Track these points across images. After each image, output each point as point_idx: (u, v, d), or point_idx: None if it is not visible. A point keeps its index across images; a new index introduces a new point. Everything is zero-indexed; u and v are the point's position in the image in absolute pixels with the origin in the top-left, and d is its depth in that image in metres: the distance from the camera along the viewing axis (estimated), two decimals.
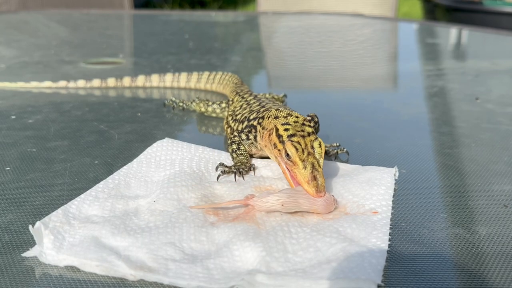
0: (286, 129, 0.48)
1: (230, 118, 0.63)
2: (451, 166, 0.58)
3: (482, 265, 0.39)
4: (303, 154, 0.45)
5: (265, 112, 0.55)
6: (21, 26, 1.70)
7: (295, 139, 0.46)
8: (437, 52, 1.35)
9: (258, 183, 0.50)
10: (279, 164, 0.48)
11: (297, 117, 0.50)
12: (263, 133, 0.53)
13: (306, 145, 0.46)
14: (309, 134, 0.47)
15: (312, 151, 0.46)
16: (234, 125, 0.60)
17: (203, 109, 0.74)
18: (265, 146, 0.52)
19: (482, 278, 0.37)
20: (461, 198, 0.50)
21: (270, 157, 0.53)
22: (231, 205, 0.46)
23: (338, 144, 0.61)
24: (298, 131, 0.47)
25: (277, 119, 0.51)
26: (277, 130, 0.49)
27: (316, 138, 0.47)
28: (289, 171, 0.47)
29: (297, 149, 0.45)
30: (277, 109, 0.53)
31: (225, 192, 0.49)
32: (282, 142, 0.47)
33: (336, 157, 0.59)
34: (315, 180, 0.44)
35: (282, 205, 0.43)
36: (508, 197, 0.50)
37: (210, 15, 2.06)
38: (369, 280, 0.34)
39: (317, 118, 0.58)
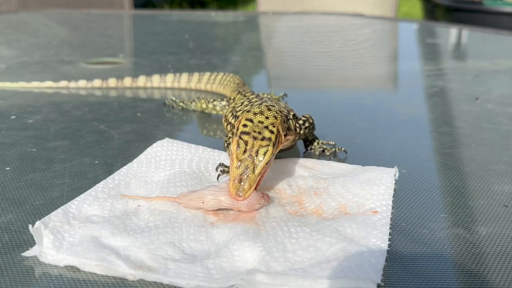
0: (245, 125, 0.47)
1: (230, 114, 0.63)
2: (451, 166, 0.58)
3: (482, 265, 0.39)
4: (243, 154, 0.45)
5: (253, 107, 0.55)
6: (21, 26, 1.70)
7: (245, 137, 0.45)
8: (437, 52, 1.35)
9: None
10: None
11: (267, 117, 0.48)
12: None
13: (252, 147, 0.45)
14: (263, 139, 0.46)
15: (254, 155, 0.45)
16: (235, 122, 0.60)
17: (204, 106, 0.74)
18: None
19: (482, 278, 0.37)
20: (461, 198, 0.50)
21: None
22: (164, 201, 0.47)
23: (334, 143, 0.61)
24: (255, 132, 0.46)
25: (248, 113, 0.49)
26: (239, 123, 0.48)
27: (267, 145, 0.45)
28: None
29: (239, 147, 0.45)
30: (259, 104, 0.53)
31: None
32: (237, 130, 0.47)
33: (335, 156, 0.59)
34: (240, 182, 0.43)
35: (203, 202, 0.44)
36: (508, 197, 0.50)
37: (210, 15, 2.06)
38: (369, 280, 0.34)
39: (312, 120, 0.58)
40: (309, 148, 0.60)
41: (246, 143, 0.45)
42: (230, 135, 0.57)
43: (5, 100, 0.84)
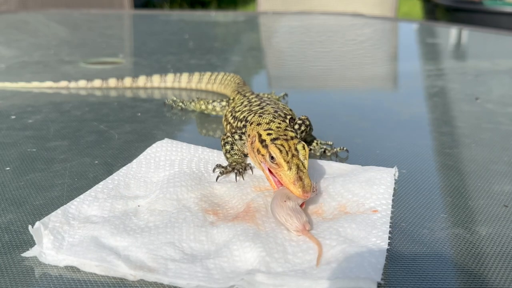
0: (269, 134, 0.49)
1: (229, 115, 0.63)
2: (451, 166, 0.58)
3: (482, 265, 0.39)
4: (287, 155, 0.45)
5: (253, 117, 0.56)
6: (21, 26, 1.70)
7: (278, 142, 0.47)
8: (437, 52, 1.35)
9: (257, 183, 0.50)
10: (263, 170, 0.48)
11: (279, 123, 0.51)
12: (246, 140, 0.54)
13: (290, 147, 0.46)
14: (292, 138, 0.47)
15: (296, 153, 0.46)
16: (234, 122, 0.60)
17: (203, 107, 0.74)
18: (249, 153, 0.53)
19: (482, 278, 0.37)
20: (461, 198, 0.50)
21: (254, 164, 0.53)
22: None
23: (332, 143, 0.61)
24: (281, 135, 0.48)
25: (260, 126, 0.51)
26: (260, 135, 0.49)
27: (299, 142, 0.47)
28: (273, 175, 0.47)
29: (281, 151, 0.45)
30: (260, 116, 0.53)
31: (224, 192, 0.49)
32: (266, 146, 0.47)
33: (336, 156, 0.59)
34: (301, 180, 0.44)
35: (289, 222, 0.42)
36: (508, 197, 0.50)
37: (210, 15, 2.06)
38: (369, 279, 0.34)
39: (309, 121, 0.59)
40: (310, 149, 0.60)
41: (282, 146, 0.46)
42: (228, 134, 0.57)
43: (5, 100, 0.84)
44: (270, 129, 0.50)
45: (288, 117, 0.57)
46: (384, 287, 0.36)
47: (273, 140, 0.47)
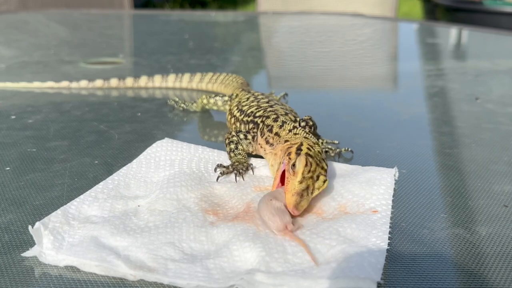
0: (309, 149, 0.47)
1: (235, 108, 0.63)
2: (451, 166, 0.58)
3: (482, 265, 0.39)
4: (308, 173, 0.45)
5: (271, 113, 0.56)
6: (21, 26, 1.70)
7: (311, 159, 0.46)
8: (437, 52, 1.35)
9: (257, 183, 0.50)
10: (272, 165, 0.48)
11: (319, 152, 0.49)
12: (268, 136, 0.53)
13: (315, 171, 0.45)
14: (322, 168, 0.46)
15: (315, 179, 0.45)
16: (240, 116, 0.61)
17: (204, 101, 0.73)
18: (262, 146, 0.52)
19: (482, 278, 0.37)
20: (461, 198, 0.50)
21: (263, 156, 0.53)
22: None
23: (338, 142, 0.61)
24: (317, 159, 0.47)
25: (306, 139, 0.50)
26: (301, 145, 0.48)
27: (325, 175, 0.46)
28: (281, 179, 0.46)
29: (306, 165, 0.45)
30: (303, 131, 0.53)
31: (224, 192, 0.49)
32: (299, 154, 0.46)
33: (339, 156, 0.59)
34: (300, 197, 0.43)
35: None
36: (508, 197, 0.50)
37: (210, 15, 2.06)
38: (368, 279, 0.34)
39: (312, 122, 0.59)
40: None
41: (311, 164, 0.45)
42: (233, 132, 0.57)
43: (5, 100, 0.84)
44: (312, 148, 0.48)
45: (298, 118, 0.58)
46: (384, 287, 0.36)
47: (308, 155, 0.46)
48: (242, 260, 0.38)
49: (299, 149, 0.47)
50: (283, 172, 0.46)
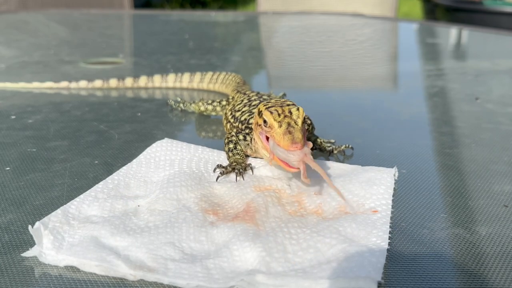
0: (266, 105, 0.49)
1: (229, 113, 0.63)
2: (451, 166, 0.58)
3: (482, 265, 0.39)
4: (279, 117, 0.46)
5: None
6: (21, 26, 1.70)
7: (272, 108, 0.48)
8: (437, 52, 1.35)
9: (257, 183, 0.50)
10: (266, 148, 0.49)
11: (273, 97, 0.51)
12: (250, 141, 0.54)
13: (283, 111, 0.47)
14: (288, 105, 0.48)
15: (289, 115, 0.46)
16: (235, 122, 0.60)
17: (202, 108, 0.73)
18: (255, 140, 0.53)
19: (482, 278, 0.37)
20: (461, 198, 0.50)
21: (260, 152, 0.52)
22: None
23: (334, 141, 0.61)
24: (277, 104, 0.49)
25: (261, 104, 0.52)
26: (259, 110, 0.50)
27: (294, 106, 0.48)
28: (268, 141, 0.47)
29: (272, 113, 0.47)
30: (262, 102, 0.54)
31: (224, 192, 0.49)
32: (260, 113, 0.48)
33: (344, 154, 0.59)
34: (290, 134, 0.44)
35: None
36: (508, 197, 0.50)
37: (210, 15, 2.06)
38: (369, 278, 0.34)
39: (310, 120, 0.59)
40: (316, 147, 0.61)
41: (276, 111, 0.47)
42: (233, 133, 0.57)
43: (5, 100, 0.84)
44: (269, 102, 0.50)
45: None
46: (384, 287, 0.36)
47: (268, 107, 0.48)
48: (242, 260, 0.38)
49: (259, 113, 0.49)
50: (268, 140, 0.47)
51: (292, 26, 1.75)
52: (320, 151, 0.60)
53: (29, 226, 0.40)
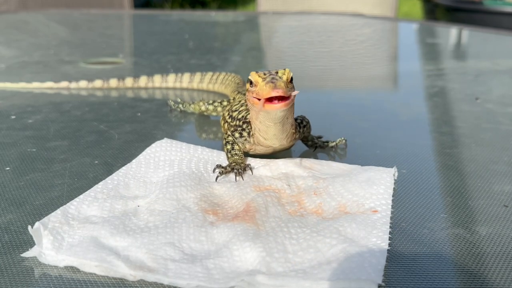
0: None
1: (227, 113, 0.63)
2: (451, 166, 0.58)
3: (482, 265, 0.39)
4: (264, 75, 0.47)
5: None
6: (21, 26, 1.70)
7: (260, 73, 0.48)
8: (437, 52, 1.35)
9: (257, 183, 0.50)
10: (255, 103, 0.48)
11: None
12: (246, 137, 0.55)
13: (269, 72, 0.47)
14: (276, 72, 0.48)
15: (274, 74, 0.47)
16: (232, 122, 0.60)
17: (203, 108, 0.73)
18: (249, 106, 0.52)
19: (482, 278, 0.37)
20: (461, 198, 0.50)
21: (259, 130, 0.52)
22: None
23: (322, 136, 0.62)
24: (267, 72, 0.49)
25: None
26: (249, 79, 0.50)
27: (285, 70, 0.48)
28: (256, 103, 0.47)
29: (257, 73, 0.47)
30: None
31: (224, 192, 0.49)
32: (249, 80, 0.48)
33: (337, 146, 0.60)
34: (272, 83, 0.45)
35: None
36: (508, 197, 0.50)
37: (210, 15, 2.06)
38: (370, 280, 0.34)
39: (306, 122, 0.58)
40: (310, 146, 0.61)
41: (263, 72, 0.47)
42: (229, 132, 0.57)
43: (5, 100, 0.84)
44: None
45: None
46: (384, 287, 0.36)
47: (256, 72, 0.48)
48: (242, 260, 0.38)
49: (249, 81, 0.49)
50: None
51: (292, 26, 1.75)
52: (314, 147, 0.60)
53: (29, 227, 0.40)
